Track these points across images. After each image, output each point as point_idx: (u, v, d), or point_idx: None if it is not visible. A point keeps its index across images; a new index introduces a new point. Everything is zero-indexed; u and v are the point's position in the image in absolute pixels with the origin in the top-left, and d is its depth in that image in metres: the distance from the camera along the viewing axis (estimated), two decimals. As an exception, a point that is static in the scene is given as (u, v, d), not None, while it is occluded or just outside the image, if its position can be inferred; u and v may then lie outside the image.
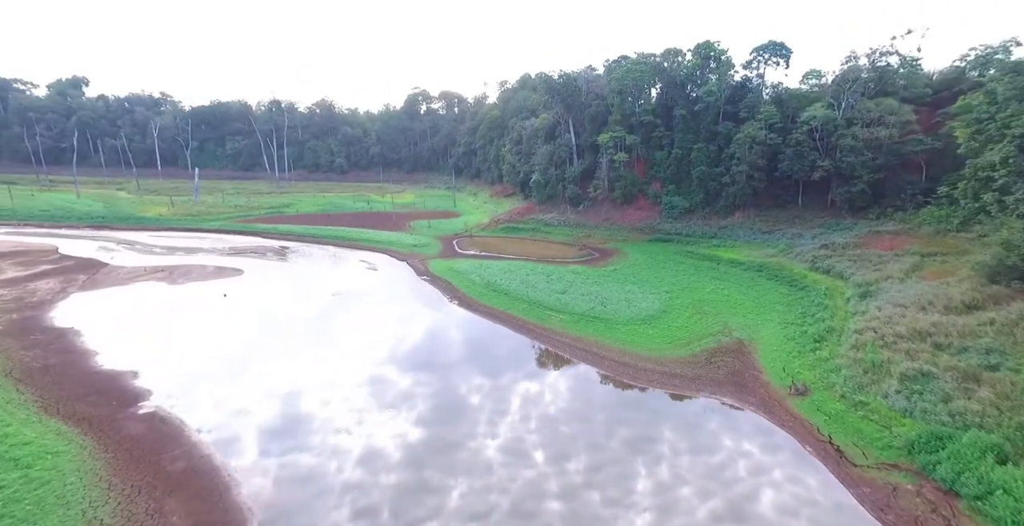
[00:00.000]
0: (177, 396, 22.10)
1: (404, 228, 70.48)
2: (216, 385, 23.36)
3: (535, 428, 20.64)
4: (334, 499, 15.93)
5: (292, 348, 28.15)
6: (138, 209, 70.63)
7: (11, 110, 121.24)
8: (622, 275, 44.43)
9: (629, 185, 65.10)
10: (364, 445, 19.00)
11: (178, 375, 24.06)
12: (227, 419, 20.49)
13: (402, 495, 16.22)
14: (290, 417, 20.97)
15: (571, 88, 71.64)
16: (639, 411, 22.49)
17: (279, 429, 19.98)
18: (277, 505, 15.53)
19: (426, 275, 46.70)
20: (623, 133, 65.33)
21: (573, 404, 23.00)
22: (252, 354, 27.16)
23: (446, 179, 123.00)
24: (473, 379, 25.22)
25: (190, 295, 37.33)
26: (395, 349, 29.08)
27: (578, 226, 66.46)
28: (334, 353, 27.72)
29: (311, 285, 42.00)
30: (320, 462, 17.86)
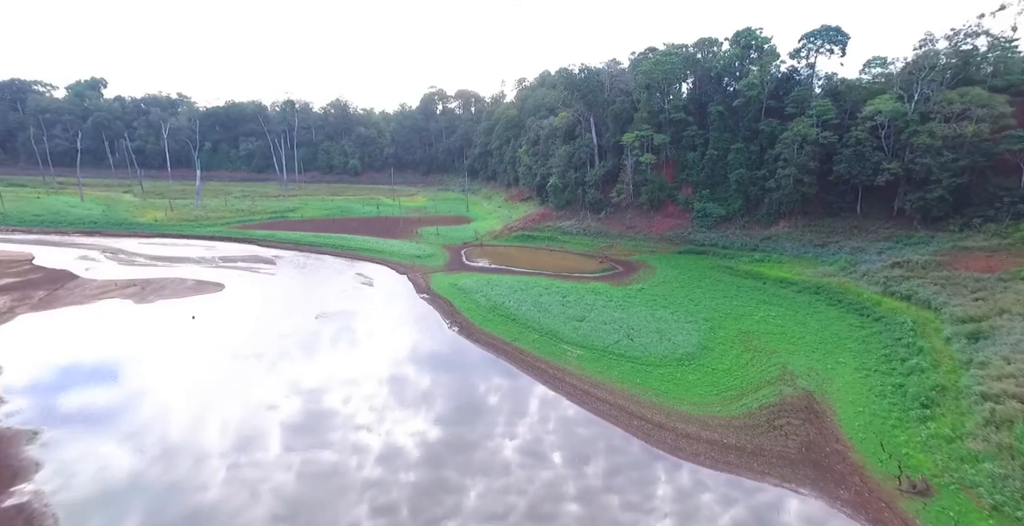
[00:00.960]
0: (66, 475, 17.08)
1: (411, 235, 65.49)
2: (114, 469, 18.28)
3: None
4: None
5: (233, 405, 22.99)
6: (135, 214, 67.53)
7: (28, 112, 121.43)
8: (651, 296, 38.19)
9: (657, 190, 58.59)
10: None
11: (75, 450, 19.08)
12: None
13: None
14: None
15: (593, 83, 65.53)
16: (680, 505, 16.45)
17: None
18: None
19: (426, 293, 41.33)
20: (650, 132, 58.89)
21: (589, 498, 17.10)
22: (177, 422, 22.08)
23: (461, 181, 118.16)
24: (455, 457, 19.40)
25: (155, 317, 32.75)
26: (371, 400, 23.64)
27: (599, 235, 60.25)
28: (282, 415, 22.40)
29: (295, 304, 37.07)
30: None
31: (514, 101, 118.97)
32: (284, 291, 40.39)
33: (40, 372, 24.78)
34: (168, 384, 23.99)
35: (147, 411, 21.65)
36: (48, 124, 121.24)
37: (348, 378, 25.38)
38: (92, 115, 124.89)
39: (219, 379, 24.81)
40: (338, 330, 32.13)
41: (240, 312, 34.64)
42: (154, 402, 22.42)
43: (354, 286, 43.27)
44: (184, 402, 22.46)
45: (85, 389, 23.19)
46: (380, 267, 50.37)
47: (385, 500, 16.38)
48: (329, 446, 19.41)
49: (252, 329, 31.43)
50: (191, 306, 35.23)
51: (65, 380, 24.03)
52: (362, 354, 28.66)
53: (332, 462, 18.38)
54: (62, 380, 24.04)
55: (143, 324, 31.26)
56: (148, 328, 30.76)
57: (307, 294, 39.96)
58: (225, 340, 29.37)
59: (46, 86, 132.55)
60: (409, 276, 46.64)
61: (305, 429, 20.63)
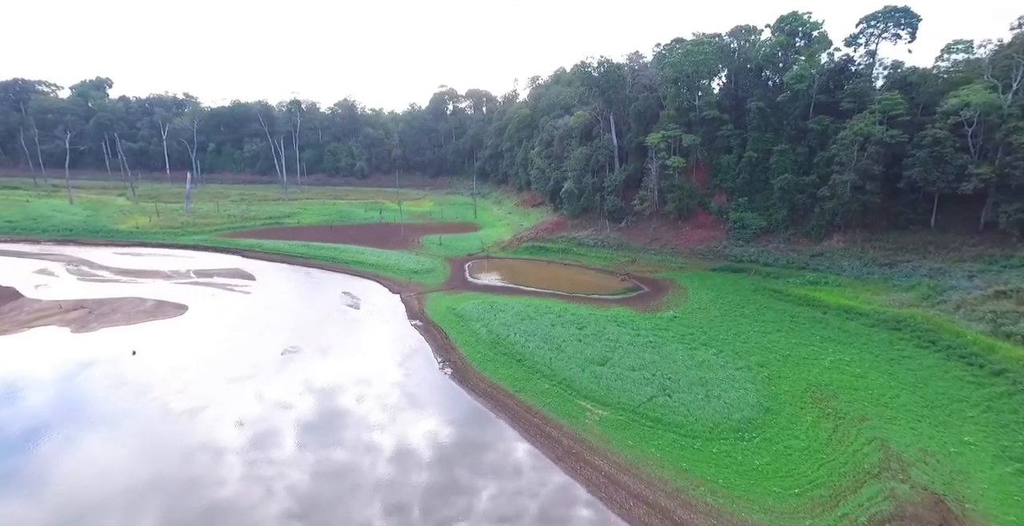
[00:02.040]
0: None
1: (412, 245, 59.69)
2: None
3: None
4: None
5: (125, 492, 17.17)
6: (116, 220, 63.03)
7: (30, 112, 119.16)
8: (686, 328, 31.58)
9: (686, 197, 51.82)
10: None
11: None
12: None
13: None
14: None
15: (613, 78, 59.04)
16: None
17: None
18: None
19: (419, 319, 35.33)
20: (678, 132, 52.19)
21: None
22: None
23: (470, 184, 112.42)
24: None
25: (87, 352, 27.30)
26: (308, 503, 17.62)
27: (620, 247, 53.65)
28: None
29: (263, 334, 31.36)
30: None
31: (527, 100, 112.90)
32: (255, 316, 34.73)
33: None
34: (43, 461, 18.31)
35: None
36: (50, 125, 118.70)
37: (290, 459, 19.40)
38: (95, 115, 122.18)
39: (121, 454, 19.06)
40: (302, 373, 26.23)
41: (193, 345, 28.99)
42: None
43: (338, 309, 37.46)
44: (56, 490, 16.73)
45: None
46: (371, 284, 44.54)
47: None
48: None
49: (197, 370, 25.70)
50: (138, 336, 29.74)
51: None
52: (322, 413, 22.69)
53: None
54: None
55: (65, 363, 25.78)
56: (69, 369, 25.27)
57: (280, 320, 34.24)
58: (157, 387, 23.67)
59: (50, 86, 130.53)
60: (403, 296, 40.71)
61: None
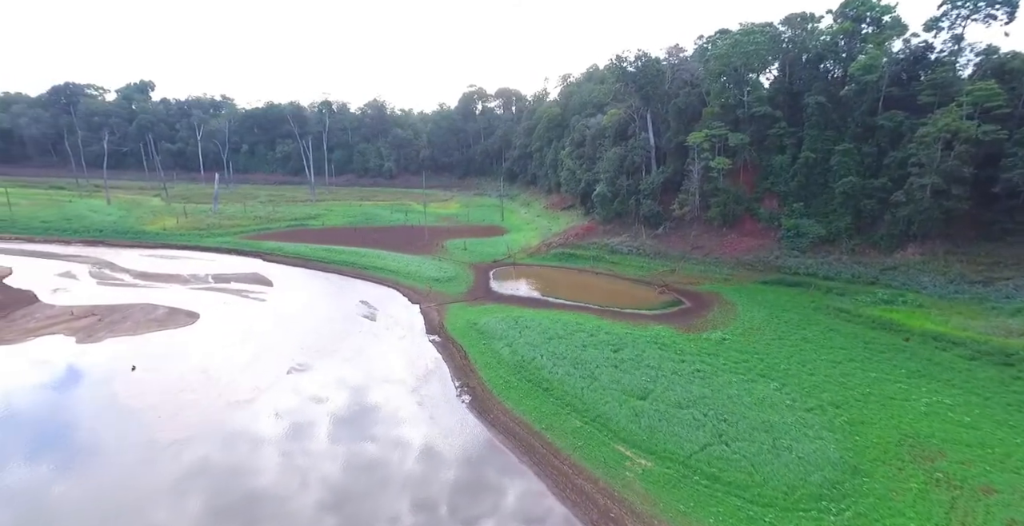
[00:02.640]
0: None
1: (435, 249, 57.25)
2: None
3: None
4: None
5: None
6: (145, 221, 63.29)
7: (79, 115, 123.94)
8: (739, 352, 27.54)
9: (731, 202, 47.24)
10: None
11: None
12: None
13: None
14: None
15: (651, 73, 54.90)
16: None
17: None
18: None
19: (438, 334, 32.54)
20: (724, 130, 47.66)
21: None
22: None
23: (498, 185, 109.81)
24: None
25: (88, 365, 25.72)
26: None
27: (657, 256, 49.51)
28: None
29: (272, 347, 29.21)
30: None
31: (558, 99, 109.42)
32: (266, 327, 32.72)
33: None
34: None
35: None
36: (96, 127, 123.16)
37: (278, 509, 16.75)
38: (137, 117, 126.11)
39: (86, 495, 16.86)
40: (306, 397, 23.75)
41: (197, 360, 27.03)
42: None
43: (353, 320, 35.12)
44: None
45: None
46: (391, 292, 42.17)
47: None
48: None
49: (195, 392, 23.58)
50: (143, 348, 28.08)
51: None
52: (319, 451, 20.03)
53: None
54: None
55: (58, 379, 24.16)
56: (59, 387, 23.61)
57: (292, 332, 32.09)
58: (147, 413, 21.60)
59: (98, 90, 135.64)
60: (422, 307, 38.07)
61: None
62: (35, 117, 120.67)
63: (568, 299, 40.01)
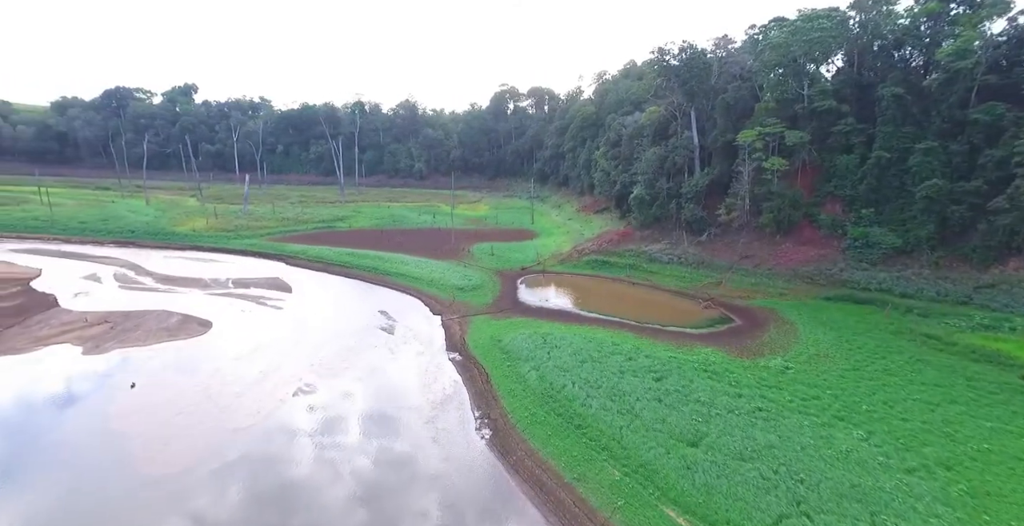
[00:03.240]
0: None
1: (461, 254, 54.80)
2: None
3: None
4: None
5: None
6: (177, 222, 63.71)
7: (127, 117, 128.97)
8: (807, 386, 23.49)
9: (787, 207, 42.50)
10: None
11: None
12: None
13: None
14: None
15: (697, 67, 50.53)
16: None
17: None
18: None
19: (458, 351, 29.82)
20: (780, 127, 42.97)
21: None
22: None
23: (529, 187, 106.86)
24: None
25: (87, 380, 24.32)
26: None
27: (700, 265, 45.26)
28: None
29: (281, 364, 27.21)
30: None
31: (592, 97, 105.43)
32: (278, 338, 30.85)
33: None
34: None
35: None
36: (142, 129, 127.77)
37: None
38: (180, 119, 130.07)
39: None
40: (308, 426, 21.41)
41: (200, 376, 25.26)
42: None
43: (370, 332, 32.87)
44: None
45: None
46: (412, 302, 39.86)
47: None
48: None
49: (192, 415, 21.63)
50: (149, 360, 26.60)
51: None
52: (314, 491, 17.54)
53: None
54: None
55: (52, 397, 22.71)
56: (51, 406, 22.12)
57: (305, 344, 30.08)
58: (137, 441, 19.70)
59: (146, 93, 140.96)
60: (444, 319, 35.50)
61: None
62: (88, 120, 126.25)
63: (602, 313, 36.55)
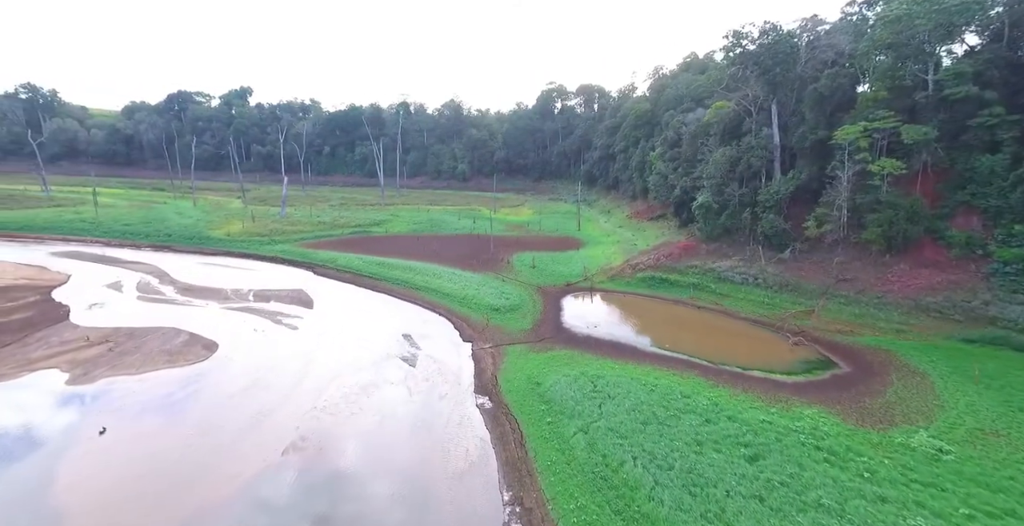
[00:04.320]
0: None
1: (500, 265, 49.73)
2: None
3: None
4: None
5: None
6: (213, 225, 62.70)
7: (186, 120, 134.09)
8: (985, 488, 16.36)
9: (902, 219, 34.21)
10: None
11: None
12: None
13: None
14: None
15: (782, 52, 42.70)
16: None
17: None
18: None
19: (488, 395, 24.58)
20: (893, 121, 34.74)
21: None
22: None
23: (575, 189, 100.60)
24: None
25: (59, 419, 21.04)
26: None
27: (783, 288, 37.69)
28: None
29: (281, 405, 23.04)
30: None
31: (647, 93, 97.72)
32: (284, 369, 26.84)
33: None
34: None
35: None
36: (200, 131, 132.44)
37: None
38: (234, 122, 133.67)
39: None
40: (295, 498, 16.77)
41: (184, 420, 21.42)
42: None
43: (389, 362, 28.29)
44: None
45: None
46: (441, 323, 35.10)
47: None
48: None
49: (158, 478, 17.58)
50: (133, 394, 23.16)
51: None
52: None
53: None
54: None
55: (6, 446, 19.30)
56: (18, 450, 18.73)
57: (312, 379, 25.87)
58: (72, 519, 15.74)
59: (205, 96, 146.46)
60: (475, 349, 30.41)
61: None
62: (151, 123, 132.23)
63: (664, 347, 30.23)
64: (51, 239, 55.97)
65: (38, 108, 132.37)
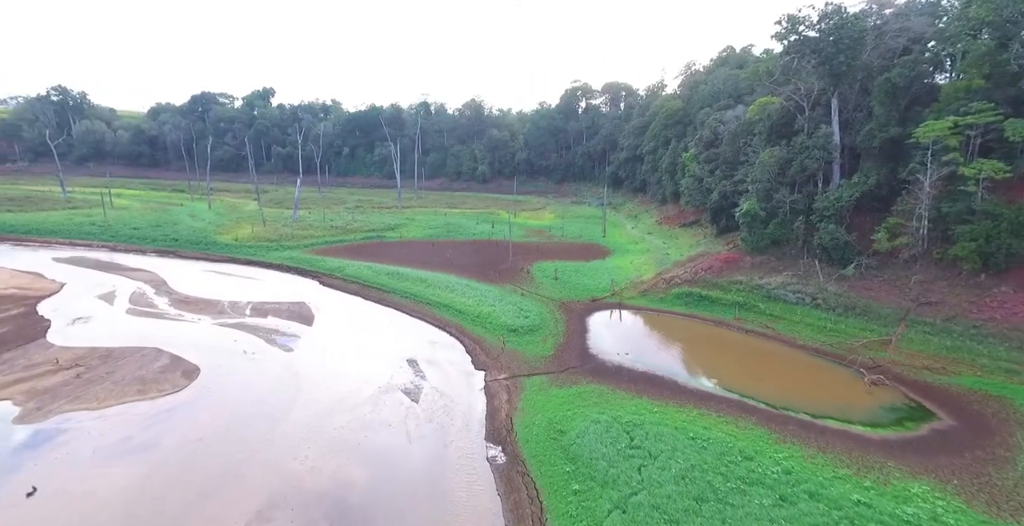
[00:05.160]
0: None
1: (519, 276, 45.54)
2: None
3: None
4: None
5: None
6: (223, 229, 60.33)
7: (209, 121, 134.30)
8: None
9: (1004, 232, 28.49)
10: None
11: None
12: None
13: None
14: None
15: (849, 37, 37.09)
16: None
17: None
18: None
19: (502, 445, 20.41)
20: (993, 115, 29.07)
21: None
22: None
23: (600, 192, 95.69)
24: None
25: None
26: None
27: (848, 311, 32.28)
28: None
29: (253, 456, 19.36)
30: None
31: (677, 91, 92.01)
32: (266, 406, 23.24)
33: None
34: None
35: None
36: (222, 132, 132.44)
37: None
38: (255, 123, 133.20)
39: None
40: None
41: (130, 480, 17.87)
42: None
43: (389, 396, 24.41)
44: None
45: None
46: (452, 346, 31.12)
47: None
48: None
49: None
50: (87, 435, 19.85)
51: None
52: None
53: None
54: None
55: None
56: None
57: (298, 415, 22.19)
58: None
59: (228, 97, 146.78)
60: (488, 380, 26.28)
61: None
62: (175, 124, 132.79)
63: (712, 381, 25.51)
64: (58, 243, 54.44)
65: (68, 110, 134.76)
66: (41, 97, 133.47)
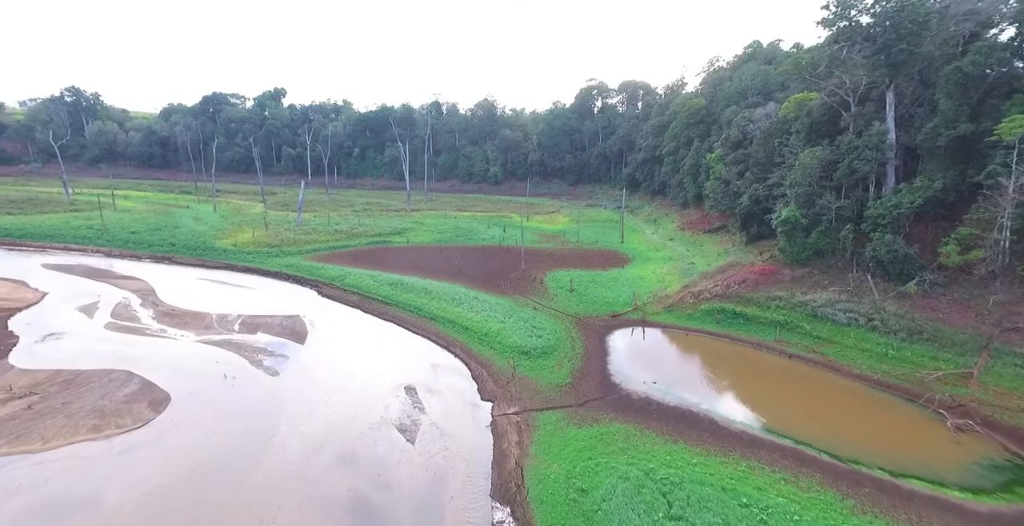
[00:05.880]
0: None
1: (531, 286, 41.96)
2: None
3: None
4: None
5: None
6: (223, 234, 57.80)
7: (220, 122, 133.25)
8: None
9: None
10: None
11: None
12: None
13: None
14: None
15: (911, 22, 32.69)
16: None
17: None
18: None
19: (511, 504, 16.92)
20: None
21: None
22: None
23: (617, 194, 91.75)
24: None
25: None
26: None
27: (914, 336, 27.94)
28: None
29: (213, 517, 16.04)
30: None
31: (699, 88, 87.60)
32: (238, 444, 19.98)
33: None
34: None
35: None
36: (232, 133, 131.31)
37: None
38: (265, 123, 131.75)
39: None
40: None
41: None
42: None
43: (381, 434, 21.00)
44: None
45: None
46: (456, 370, 27.64)
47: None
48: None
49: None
50: (20, 487, 16.77)
51: None
52: None
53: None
54: None
55: None
56: None
57: (277, 460, 18.90)
58: None
59: (240, 98, 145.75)
60: (495, 415, 22.73)
61: None
62: (186, 125, 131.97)
63: (759, 420, 21.59)
64: (52, 248, 52.38)
65: (81, 111, 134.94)
66: (55, 98, 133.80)
